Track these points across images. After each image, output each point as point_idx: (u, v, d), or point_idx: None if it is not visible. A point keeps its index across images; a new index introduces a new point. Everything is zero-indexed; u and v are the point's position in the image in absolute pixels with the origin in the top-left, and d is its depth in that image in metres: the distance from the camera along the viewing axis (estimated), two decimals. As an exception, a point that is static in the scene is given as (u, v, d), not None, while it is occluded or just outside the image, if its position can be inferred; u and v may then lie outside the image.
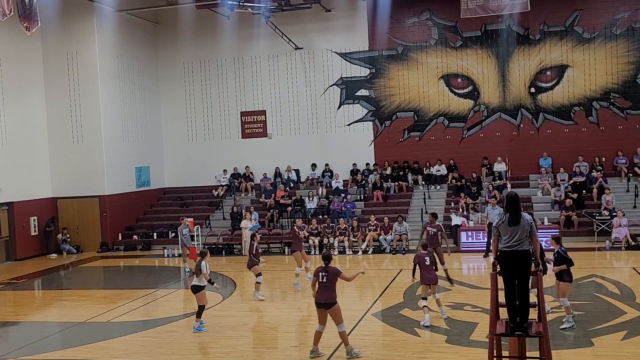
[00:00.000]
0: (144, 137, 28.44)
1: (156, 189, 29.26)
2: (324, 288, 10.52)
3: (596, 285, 15.43)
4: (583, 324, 12.01)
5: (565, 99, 25.88)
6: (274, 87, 28.49)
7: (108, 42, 26.23)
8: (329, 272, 10.54)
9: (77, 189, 25.80)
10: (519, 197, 8.32)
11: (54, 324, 14.43)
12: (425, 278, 12.42)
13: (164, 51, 29.50)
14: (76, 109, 25.79)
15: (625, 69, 25.30)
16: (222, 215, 26.78)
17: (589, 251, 20.72)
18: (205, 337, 12.32)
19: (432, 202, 25.32)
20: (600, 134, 25.60)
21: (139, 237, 26.25)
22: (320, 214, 25.01)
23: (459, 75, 26.78)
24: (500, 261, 8.11)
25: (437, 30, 26.80)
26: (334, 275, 10.54)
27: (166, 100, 29.69)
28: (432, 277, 12.51)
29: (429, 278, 12.45)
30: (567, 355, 10.13)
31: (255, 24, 27.48)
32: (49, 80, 25.88)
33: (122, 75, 27.01)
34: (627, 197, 23.63)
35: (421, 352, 10.79)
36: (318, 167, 27.96)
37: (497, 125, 26.49)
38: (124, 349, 11.89)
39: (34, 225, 25.04)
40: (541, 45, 25.96)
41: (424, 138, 27.16)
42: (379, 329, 12.52)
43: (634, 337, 11.05)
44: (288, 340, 11.99)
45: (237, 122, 28.97)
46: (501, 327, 7.93)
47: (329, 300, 10.47)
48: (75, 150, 25.83)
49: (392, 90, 27.37)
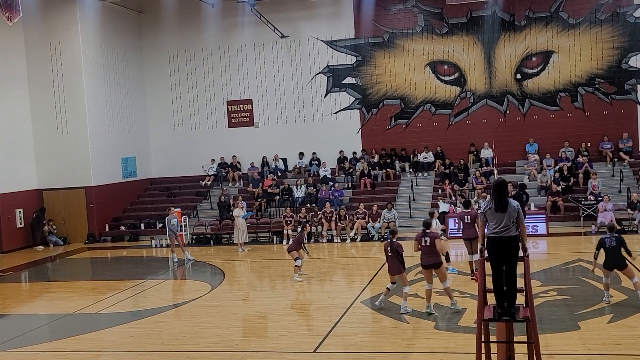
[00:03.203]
0: (130, 128, 28.25)
1: (143, 179, 29.10)
2: (428, 251, 12.00)
3: (582, 270, 15.57)
4: (570, 307, 12.14)
5: (551, 85, 25.98)
6: (260, 76, 28.36)
7: (92, 32, 25.96)
8: (430, 236, 12.05)
9: (63, 180, 25.62)
10: (507, 183, 8.35)
11: (41, 316, 14.37)
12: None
13: (148, 40, 29.24)
14: (60, 100, 25.56)
15: (610, 55, 25.42)
16: (209, 205, 26.71)
17: (575, 236, 20.89)
18: (194, 327, 12.31)
19: (420, 190, 25.42)
20: (585, 119, 25.75)
21: (127, 228, 26.14)
22: (308, 202, 25.01)
23: (445, 62, 26.79)
24: (487, 247, 8.15)
25: (422, 17, 26.76)
26: (434, 239, 12.03)
27: (152, 90, 29.47)
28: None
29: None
30: (554, 340, 10.23)
31: (240, 13, 27.29)
32: (32, 71, 25.59)
33: (106, 65, 26.77)
34: (613, 182, 23.82)
35: (410, 339, 10.86)
36: (305, 156, 27.92)
37: (484, 112, 26.56)
38: (113, 340, 11.86)
39: (19, 217, 24.87)
40: (526, 31, 26.00)
41: (411, 125, 27.19)
42: (368, 316, 12.57)
43: (620, 320, 11.17)
44: (277, 329, 12.01)
45: (223, 112, 28.84)
46: (489, 313, 7.97)
47: (436, 261, 11.98)
48: (60, 141, 25.61)
49: (378, 78, 27.34)
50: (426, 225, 12.42)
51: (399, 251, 12.24)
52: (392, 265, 12.41)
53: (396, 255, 12.28)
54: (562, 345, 10.01)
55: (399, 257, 12.29)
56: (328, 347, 10.63)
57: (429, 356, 9.91)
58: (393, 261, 12.37)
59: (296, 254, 15.99)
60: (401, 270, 12.36)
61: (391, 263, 12.43)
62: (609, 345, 9.98)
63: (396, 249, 12.26)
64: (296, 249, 16.07)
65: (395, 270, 12.38)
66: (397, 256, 12.29)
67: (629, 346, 9.92)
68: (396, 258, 12.28)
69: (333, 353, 10.42)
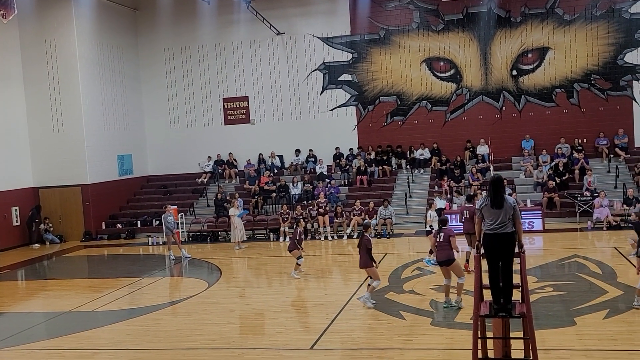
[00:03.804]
0: (126, 125, 28.20)
1: (139, 177, 29.07)
2: (442, 248, 12.06)
3: (578, 265, 15.60)
4: (566, 303, 12.17)
5: (547, 81, 26.02)
6: (256, 73, 28.33)
7: (87, 29, 25.89)
8: (444, 233, 12.15)
9: (58, 178, 25.57)
10: (503, 180, 8.36)
11: (38, 314, 14.35)
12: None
13: (144, 38, 29.18)
14: (56, 98, 25.49)
15: (605, 51, 25.45)
16: (206, 203, 26.71)
17: (571, 232, 20.93)
18: (191, 324, 12.31)
19: (416, 186, 25.44)
20: (581, 115, 25.79)
21: (123, 225, 26.11)
22: (305, 199, 25.01)
23: (441, 58, 26.80)
24: (483, 244, 8.17)
25: (418, 14, 26.75)
26: (448, 235, 12.06)
27: (147, 87, 29.42)
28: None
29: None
30: (550, 335, 10.26)
31: (235, 9, 27.27)
32: (28, 69, 25.52)
33: (102, 63, 26.70)
34: (608, 178, 23.87)
35: (407, 335, 10.87)
36: (302, 153, 27.93)
37: (480, 108, 26.59)
38: (110, 338, 11.85)
39: (15, 215, 24.82)
40: (522, 27, 26.02)
41: (407, 122, 27.20)
42: (364, 313, 12.57)
43: (616, 316, 11.20)
44: (274, 326, 12.01)
45: (219, 109, 28.81)
46: (485, 309, 8.00)
47: (448, 258, 11.95)
48: (56, 139, 25.55)
49: (374, 75, 27.33)
50: (442, 222, 12.53)
51: (367, 246, 12.50)
52: (361, 259, 12.70)
53: (365, 249, 12.54)
54: (559, 341, 10.03)
55: (367, 252, 12.53)
56: (325, 344, 10.64)
57: (426, 352, 9.93)
58: (362, 255, 12.65)
59: (298, 252, 15.94)
60: (369, 264, 12.59)
61: (361, 257, 12.71)
62: (605, 341, 10.01)
63: (365, 244, 12.51)
64: (296, 247, 15.99)
65: (363, 263, 12.68)
66: (365, 250, 12.54)
67: (625, 341, 9.95)
68: (365, 252, 12.51)
69: (330, 350, 10.43)
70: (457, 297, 12.14)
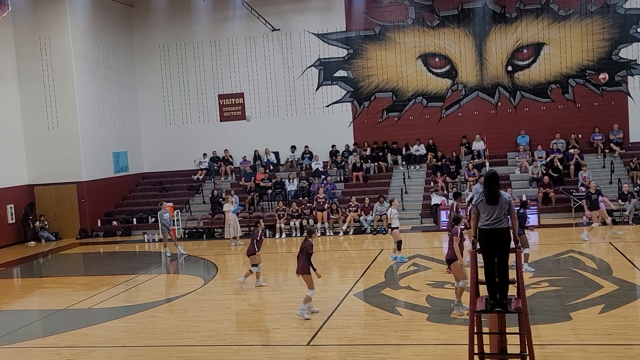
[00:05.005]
0: (121, 122, 28.13)
1: (135, 174, 29.02)
2: (449, 247, 11.88)
3: (574, 261, 15.65)
4: (561, 298, 12.21)
5: (542, 77, 26.04)
6: (252, 70, 28.28)
7: (81, 26, 25.79)
8: (450, 232, 11.99)
9: (54, 175, 25.50)
10: (498, 175, 8.37)
11: (34, 312, 14.33)
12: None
13: (139, 34, 29.09)
14: (51, 95, 25.40)
15: (600, 46, 25.48)
16: (202, 200, 26.68)
17: (567, 227, 21.00)
18: (188, 321, 12.31)
19: (412, 182, 25.46)
20: (576, 111, 25.84)
21: (119, 222, 26.07)
22: (301, 195, 25.01)
23: (436, 54, 26.80)
24: (479, 239, 8.18)
25: (414, 10, 26.74)
26: (452, 235, 11.85)
27: (142, 84, 29.34)
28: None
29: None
30: (546, 330, 10.29)
31: (230, 6, 27.22)
32: (22, 66, 25.42)
33: (96, 60, 26.62)
34: (603, 173, 23.93)
35: (403, 331, 10.89)
36: (297, 149, 27.90)
37: (475, 104, 26.61)
38: (106, 335, 11.84)
39: (10, 213, 24.75)
40: (517, 23, 26.03)
41: (403, 118, 27.20)
42: (361, 309, 12.60)
43: (611, 311, 11.25)
44: (271, 323, 12.03)
45: (215, 105, 28.76)
46: (481, 304, 8.01)
47: (450, 257, 11.83)
48: (51, 136, 25.47)
49: (370, 71, 27.32)
50: (455, 220, 12.23)
51: (308, 251, 11.91)
52: (299, 264, 12.08)
53: (305, 254, 11.95)
54: (554, 336, 10.07)
55: (307, 257, 11.90)
56: (321, 340, 10.65)
57: (422, 348, 9.95)
58: (301, 260, 12.03)
59: (257, 258, 14.67)
60: (305, 271, 11.93)
61: (299, 262, 12.12)
62: (601, 336, 10.06)
63: (305, 248, 11.95)
64: (255, 251, 14.58)
65: (300, 269, 12.05)
66: (306, 255, 11.91)
67: (620, 336, 10.00)
68: (304, 257, 11.92)
69: (326, 346, 10.45)
70: (455, 300, 11.58)
